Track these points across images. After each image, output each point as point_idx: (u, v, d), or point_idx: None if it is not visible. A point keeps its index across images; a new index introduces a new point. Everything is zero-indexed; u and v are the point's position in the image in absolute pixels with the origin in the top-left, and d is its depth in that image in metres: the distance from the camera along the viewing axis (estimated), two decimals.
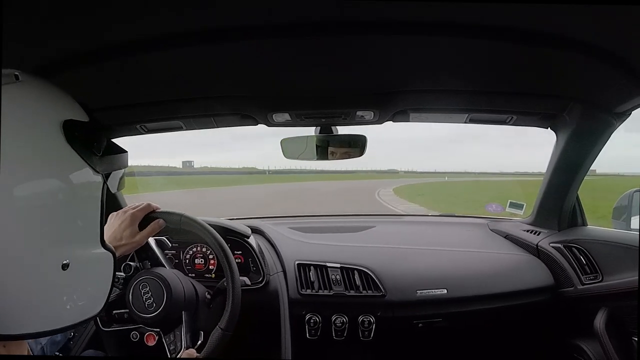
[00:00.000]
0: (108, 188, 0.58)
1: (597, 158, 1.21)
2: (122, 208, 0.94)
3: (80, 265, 0.52)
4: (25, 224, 0.47)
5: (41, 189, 0.48)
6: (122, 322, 0.99)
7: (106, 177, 0.57)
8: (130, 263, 1.00)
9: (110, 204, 0.60)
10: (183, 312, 0.94)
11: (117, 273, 0.71)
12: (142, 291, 0.93)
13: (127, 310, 0.96)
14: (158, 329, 0.95)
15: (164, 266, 1.03)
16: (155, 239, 1.07)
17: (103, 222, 0.57)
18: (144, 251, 1.03)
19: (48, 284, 0.49)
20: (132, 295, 0.94)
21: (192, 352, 0.88)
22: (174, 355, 0.89)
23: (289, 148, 1.29)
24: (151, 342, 0.98)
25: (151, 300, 0.92)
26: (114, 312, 1.00)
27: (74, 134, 0.51)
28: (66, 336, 1.05)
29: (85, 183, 0.53)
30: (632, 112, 1.07)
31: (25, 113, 0.48)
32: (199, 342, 0.93)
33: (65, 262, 0.50)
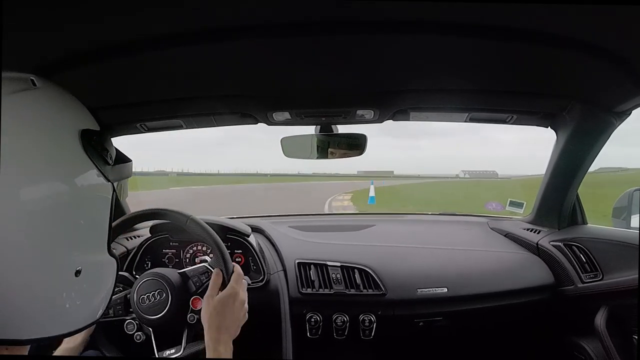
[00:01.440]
0: (117, 196, 0.58)
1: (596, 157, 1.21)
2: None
3: (89, 271, 0.52)
4: (42, 230, 0.46)
5: (59, 197, 0.48)
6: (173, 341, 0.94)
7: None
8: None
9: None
10: (186, 275, 0.95)
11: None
12: (146, 294, 0.92)
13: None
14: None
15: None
16: None
17: (111, 229, 0.57)
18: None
19: (60, 290, 0.49)
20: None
21: (238, 268, 0.91)
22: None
23: (288, 147, 1.29)
24: (199, 306, 0.94)
25: (158, 298, 0.92)
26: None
27: (90, 143, 0.51)
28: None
29: (99, 191, 0.53)
30: (632, 112, 1.07)
31: (43, 121, 0.48)
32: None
33: (78, 268, 0.50)
